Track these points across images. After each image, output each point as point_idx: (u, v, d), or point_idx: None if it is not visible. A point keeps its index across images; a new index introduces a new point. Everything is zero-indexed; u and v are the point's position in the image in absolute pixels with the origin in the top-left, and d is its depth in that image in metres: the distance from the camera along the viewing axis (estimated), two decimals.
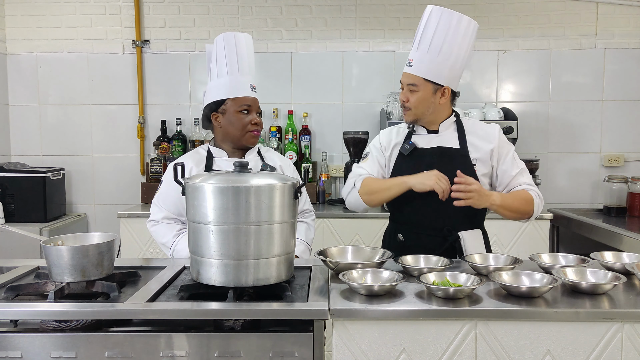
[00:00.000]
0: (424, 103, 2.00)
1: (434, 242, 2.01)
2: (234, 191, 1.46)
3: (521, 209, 2.00)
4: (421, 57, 1.97)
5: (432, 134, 2.07)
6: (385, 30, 3.78)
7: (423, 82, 1.98)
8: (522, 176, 2.05)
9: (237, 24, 3.79)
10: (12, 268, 1.83)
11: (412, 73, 1.99)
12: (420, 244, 2.01)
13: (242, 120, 2.07)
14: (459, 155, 2.02)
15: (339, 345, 1.44)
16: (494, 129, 2.08)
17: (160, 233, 2.11)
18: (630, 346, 1.43)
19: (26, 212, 3.43)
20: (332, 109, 3.82)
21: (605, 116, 3.76)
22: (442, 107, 2.04)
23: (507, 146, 2.07)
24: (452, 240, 2.00)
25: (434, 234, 2.02)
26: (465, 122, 2.10)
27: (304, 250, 2.18)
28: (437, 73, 1.97)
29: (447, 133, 2.06)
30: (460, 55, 1.99)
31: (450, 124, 2.08)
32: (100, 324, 1.46)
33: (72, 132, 3.85)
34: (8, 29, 3.80)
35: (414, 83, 1.99)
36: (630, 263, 1.69)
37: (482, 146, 2.03)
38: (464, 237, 2.01)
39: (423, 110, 2.01)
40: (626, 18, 3.71)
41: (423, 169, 1.99)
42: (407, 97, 2.01)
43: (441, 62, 1.96)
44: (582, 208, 3.67)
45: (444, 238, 2.01)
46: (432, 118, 2.05)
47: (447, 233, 2.01)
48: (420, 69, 1.97)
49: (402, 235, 2.10)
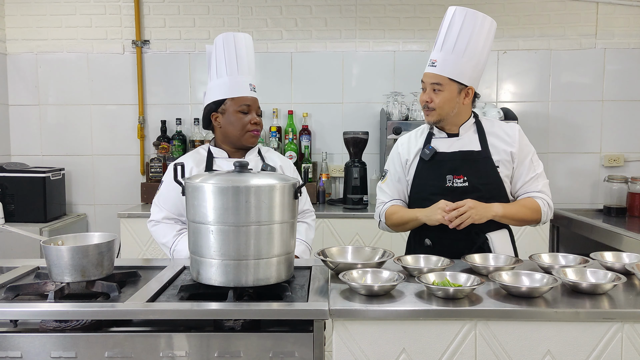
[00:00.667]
0: (449, 103, 1.97)
1: (462, 245, 1.98)
2: (234, 191, 1.46)
3: (526, 218, 1.99)
4: (445, 57, 1.94)
5: (452, 137, 2.04)
6: (385, 30, 3.78)
7: (448, 81, 1.95)
8: (537, 181, 2.02)
9: (237, 24, 3.79)
10: (12, 268, 1.83)
11: (437, 73, 1.95)
12: (448, 248, 1.96)
13: (242, 120, 2.07)
14: (482, 158, 2.00)
15: (339, 345, 1.44)
16: (513, 130, 2.04)
17: (161, 233, 2.11)
18: (630, 346, 1.43)
19: (26, 212, 3.43)
20: (332, 109, 3.82)
21: (605, 116, 3.76)
22: (464, 108, 2.02)
23: (526, 149, 2.03)
24: (480, 242, 1.98)
25: (462, 237, 1.98)
26: (485, 123, 2.07)
27: (304, 250, 2.18)
28: (462, 73, 1.94)
29: (467, 135, 2.04)
30: (482, 55, 1.98)
31: (470, 125, 2.05)
32: (100, 324, 1.46)
33: (72, 132, 3.85)
34: (8, 29, 3.80)
35: (439, 82, 1.95)
36: (630, 263, 1.69)
37: (503, 148, 2.01)
38: (492, 238, 1.99)
39: (448, 111, 1.98)
40: (626, 18, 3.71)
41: (445, 174, 1.99)
42: (430, 98, 1.98)
43: (465, 62, 1.94)
44: (582, 208, 3.68)
45: (472, 241, 1.99)
46: (454, 119, 2.02)
47: (474, 235, 1.98)
48: (445, 69, 1.94)
49: (430, 239, 2.06)
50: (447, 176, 2.00)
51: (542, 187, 2.03)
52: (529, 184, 2.02)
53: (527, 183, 2.02)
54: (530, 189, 2.03)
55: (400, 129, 3.34)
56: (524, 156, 2.03)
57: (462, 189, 1.99)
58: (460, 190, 1.99)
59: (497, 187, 2.00)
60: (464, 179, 1.99)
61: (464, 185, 1.99)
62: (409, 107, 3.54)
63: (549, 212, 2.01)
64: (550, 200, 2.03)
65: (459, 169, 1.99)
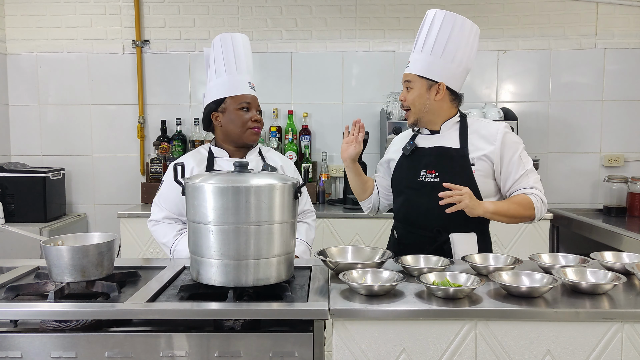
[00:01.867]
0: (420, 99, 2.01)
1: (425, 241, 2.02)
2: (234, 191, 1.46)
3: (519, 214, 1.96)
4: (416, 57, 2.02)
5: (434, 134, 2.08)
6: (385, 30, 3.78)
7: (417, 78, 2.01)
8: (527, 178, 1.99)
9: (237, 24, 3.79)
10: (12, 268, 1.83)
11: (408, 72, 2.04)
12: (412, 242, 2.04)
13: (242, 118, 2.07)
14: (458, 155, 2.00)
15: (339, 345, 1.44)
16: (497, 129, 2.01)
17: (161, 233, 2.11)
18: (630, 346, 1.43)
19: (26, 212, 3.43)
20: (332, 109, 3.82)
21: (605, 116, 3.76)
22: (439, 105, 2.02)
23: (512, 146, 2.00)
24: (441, 241, 1.99)
25: (426, 233, 2.02)
26: (470, 122, 2.07)
27: (304, 250, 2.18)
28: (430, 69, 1.99)
29: (448, 133, 2.06)
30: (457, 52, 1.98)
31: (453, 124, 2.06)
32: (100, 324, 1.45)
33: (72, 132, 3.85)
34: (8, 29, 3.80)
35: (409, 80, 2.03)
36: (630, 263, 1.69)
37: (483, 146, 2.00)
38: (454, 239, 1.99)
39: (420, 107, 2.02)
40: (626, 18, 3.71)
41: (421, 168, 2.03)
42: (404, 97, 2.05)
43: (434, 59, 1.98)
44: (582, 208, 3.68)
45: (434, 238, 2.01)
46: (432, 117, 2.05)
47: (437, 234, 2.00)
48: (415, 67, 2.02)
49: (397, 232, 2.14)
50: (421, 170, 2.03)
51: (533, 183, 2.00)
52: (520, 181, 1.99)
53: (518, 180, 1.99)
54: (521, 185, 2.00)
55: (400, 129, 3.33)
56: (511, 154, 1.99)
57: (432, 184, 1.99)
58: (430, 185, 1.99)
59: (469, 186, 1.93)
60: (435, 175, 2.00)
61: (435, 181, 1.99)
62: None
63: (542, 208, 1.98)
64: (543, 195, 2.00)
65: (432, 165, 2.01)
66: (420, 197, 2.01)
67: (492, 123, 2.08)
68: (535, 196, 1.98)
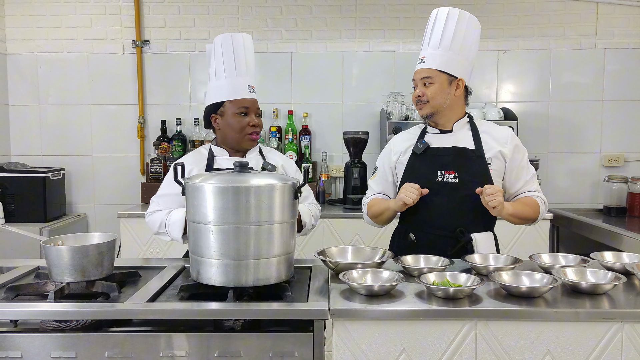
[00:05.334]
0: (441, 94, 2.00)
1: (446, 242, 1.99)
2: (234, 191, 1.46)
3: (528, 217, 2.02)
4: (433, 52, 2.00)
5: (445, 133, 2.07)
6: (385, 30, 3.78)
7: (438, 73, 1.99)
8: (533, 181, 2.08)
9: (237, 24, 3.79)
10: (12, 268, 1.83)
11: (426, 67, 2.01)
12: (432, 244, 1.99)
13: (240, 122, 2.07)
14: (475, 156, 2.01)
15: (339, 345, 1.44)
16: (507, 131, 2.08)
17: (156, 220, 2.04)
18: (630, 346, 1.43)
19: (26, 212, 3.43)
20: (332, 109, 3.82)
21: (605, 116, 3.76)
22: (457, 102, 2.04)
23: (521, 150, 2.08)
24: (464, 241, 1.98)
25: (447, 235, 2.00)
26: (479, 123, 2.10)
27: (306, 212, 2.10)
28: (450, 65, 1.99)
29: (460, 133, 2.06)
30: (471, 50, 2.03)
31: (464, 124, 2.08)
32: (100, 324, 1.46)
33: (72, 132, 3.85)
34: (8, 29, 3.80)
35: (428, 75, 2.00)
36: (630, 263, 1.69)
37: (495, 147, 2.03)
38: (477, 239, 1.99)
39: (441, 102, 2.01)
40: (626, 18, 3.71)
41: (437, 169, 2.00)
42: (422, 92, 2.02)
43: (452, 55, 1.99)
44: (582, 208, 3.68)
45: (456, 239, 1.99)
46: (448, 114, 2.04)
47: (460, 234, 1.99)
48: (433, 62, 2.00)
49: (414, 235, 2.07)
50: (438, 171, 2.01)
51: (537, 187, 2.10)
52: (528, 184, 2.07)
53: (527, 183, 2.07)
54: (530, 188, 2.08)
55: (400, 129, 3.33)
56: (520, 157, 2.06)
57: (452, 185, 1.99)
58: (450, 185, 2.00)
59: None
60: (454, 175, 2.00)
61: (454, 181, 1.99)
62: (409, 107, 3.54)
63: (544, 211, 2.07)
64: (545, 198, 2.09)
65: (451, 165, 2.00)
66: (439, 197, 1.98)
67: (497, 126, 2.13)
68: (541, 199, 2.06)
